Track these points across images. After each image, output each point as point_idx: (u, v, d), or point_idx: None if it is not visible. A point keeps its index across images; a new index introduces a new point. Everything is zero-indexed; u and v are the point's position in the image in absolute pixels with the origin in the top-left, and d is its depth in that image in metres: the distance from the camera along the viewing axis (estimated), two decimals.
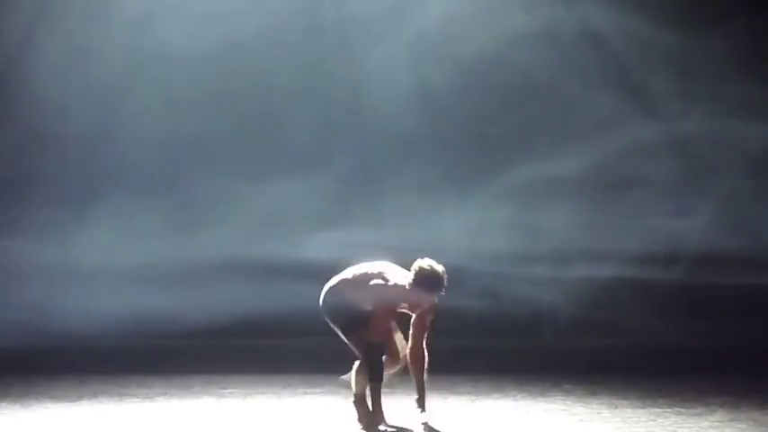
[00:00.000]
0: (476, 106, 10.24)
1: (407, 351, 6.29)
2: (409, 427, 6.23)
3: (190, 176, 10.22)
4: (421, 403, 6.28)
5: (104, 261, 9.84)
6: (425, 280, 6.08)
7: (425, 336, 6.26)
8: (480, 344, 7.05)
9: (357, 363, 6.23)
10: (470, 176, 10.11)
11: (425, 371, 6.26)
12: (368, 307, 6.15)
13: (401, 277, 6.20)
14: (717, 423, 6.54)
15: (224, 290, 9.74)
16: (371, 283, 6.20)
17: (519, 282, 9.85)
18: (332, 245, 9.67)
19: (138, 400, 7.38)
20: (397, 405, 7.07)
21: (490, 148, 10.20)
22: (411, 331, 6.29)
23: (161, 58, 10.08)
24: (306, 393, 7.59)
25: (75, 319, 9.28)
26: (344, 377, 6.35)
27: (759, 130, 10.06)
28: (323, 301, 6.27)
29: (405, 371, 6.30)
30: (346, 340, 6.19)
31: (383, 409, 6.20)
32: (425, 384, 6.28)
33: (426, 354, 6.27)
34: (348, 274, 6.30)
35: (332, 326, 6.24)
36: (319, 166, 10.19)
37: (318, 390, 7.68)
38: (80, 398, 7.40)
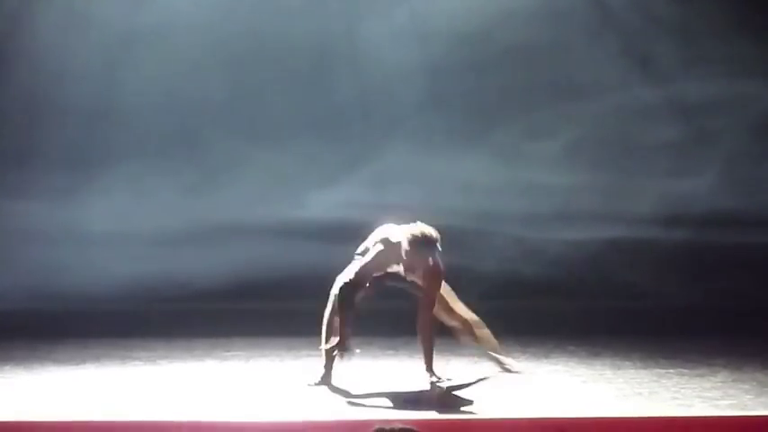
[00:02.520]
0: (477, 68, 10.18)
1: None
2: None
3: (197, 141, 10.19)
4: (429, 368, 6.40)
5: (112, 224, 9.84)
6: (415, 244, 6.19)
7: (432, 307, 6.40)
8: (483, 305, 7.04)
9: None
10: (472, 137, 10.07)
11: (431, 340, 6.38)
12: None
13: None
14: (720, 384, 6.54)
15: (229, 252, 9.74)
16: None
17: (520, 242, 9.84)
18: (336, 205, 9.69)
19: (140, 363, 7.39)
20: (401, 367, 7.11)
21: (492, 109, 10.17)
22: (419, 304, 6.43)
23: (164, 23, 10.02)
24: (309, 356, 7.59)
25: (81, 282, 9.28)
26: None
27: (760, 89, 10.02)
28: None
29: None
30: None
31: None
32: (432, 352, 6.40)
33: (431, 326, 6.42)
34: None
35: None
36: (323, 129, 10.16)
37: (321, 352, 7.67)
38: (83, 361, 7.41)
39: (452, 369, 7.00)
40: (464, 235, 9.49)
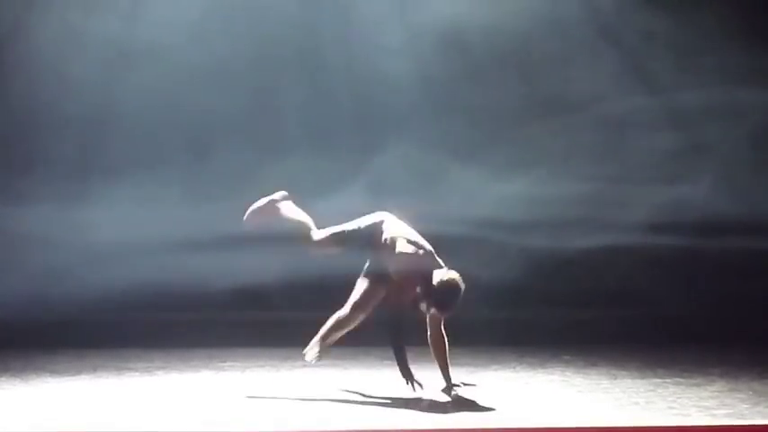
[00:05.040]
0: (474, 79, 10.20)
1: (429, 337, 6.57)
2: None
3: (199, 151, 10.19)
4: (448, 386, 6.61)
5: (111, 234, 9.80)
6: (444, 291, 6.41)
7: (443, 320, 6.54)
8: (479, 315, 7.07)
9: None
10: (470, 146, 10.09)
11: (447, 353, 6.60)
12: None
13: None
14: (716, 393, 6.54)
15: (229, 262, 9.71)
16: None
17: (516, 251, 9.84)
18: (337, 214, 9.68)
19: (137, 373, 7.39)
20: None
21: (489, 119, 10.18)
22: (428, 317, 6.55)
23: (165, 35, 10.02)
24: (304, 366, 7.59)
25: (78, 291, 9.25)
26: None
27: (754, 98, 10.05)
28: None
29: None
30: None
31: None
32: (448, 366, 6.61)
33: (445, 337, 6.57)
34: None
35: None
36: (323, 139, 10.17)
37: (317, 363, 7.67)
38: (79, 372, 7.41)
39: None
40: (460, 243, 9.49)
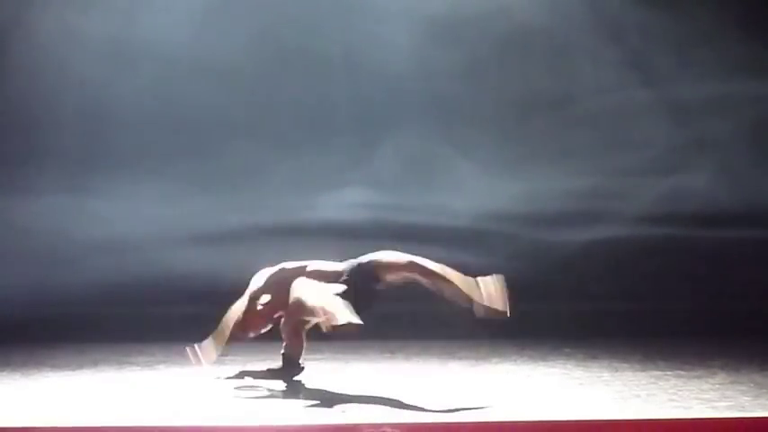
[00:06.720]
0: (474, 73, 10.21)
1: None
2: None
3: (201, 146, 10.19)
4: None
5: (112, 228, 9.82)
6: None
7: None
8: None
9: None
10: (469, 140, 10.10)
11: None
12: None
13: None
14: (717, 385, 6.55)
15: (230, 255, 9.73)
16: None
17: (516, 244, 9.84)
18: (339, 207, 9.70)
19: (138, 368, 7.40)
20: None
21: (488, 112, 10.19)
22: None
23: (162, 29, 10.02)
24: (306, 359, 7.59)
25: (79, 286, 9.27)
26: None
27: (753, 91, 10.06)
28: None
29: None
30: None
31: None
32: None
33: None
34: None
35: None
36: (323, 133, 10.18)
37: (319, 356, 7.69)
38: (80, 366, 7.42)
39: (450, 371, 7.02)
40: (460, 237, 9.51)
